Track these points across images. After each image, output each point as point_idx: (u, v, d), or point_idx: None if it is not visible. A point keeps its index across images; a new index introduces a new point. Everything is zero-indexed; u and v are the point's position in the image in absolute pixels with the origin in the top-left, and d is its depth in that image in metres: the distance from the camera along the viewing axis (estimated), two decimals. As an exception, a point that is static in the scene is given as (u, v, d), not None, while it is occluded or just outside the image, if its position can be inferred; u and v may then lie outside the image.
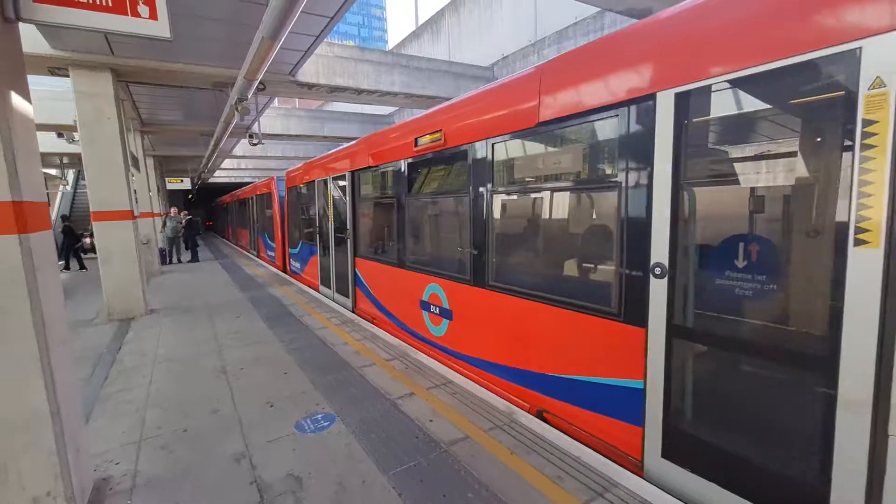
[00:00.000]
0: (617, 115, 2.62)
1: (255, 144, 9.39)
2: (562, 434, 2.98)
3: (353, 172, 6.48)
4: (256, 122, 10.46)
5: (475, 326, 4.02)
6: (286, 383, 3.98)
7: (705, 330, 2.36)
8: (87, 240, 15.42)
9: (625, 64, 2.60)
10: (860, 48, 1.69)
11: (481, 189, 3.78)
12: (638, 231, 2.51)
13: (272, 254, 12.75)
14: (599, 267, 3.17)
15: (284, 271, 11.32)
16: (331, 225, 7.49)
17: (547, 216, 3.63)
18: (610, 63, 2.71)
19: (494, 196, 3.73)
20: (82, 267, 13.12)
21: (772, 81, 2.00)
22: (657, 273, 2.39)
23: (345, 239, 6.85)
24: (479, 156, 3.79)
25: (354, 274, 6.66)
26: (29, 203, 2.06)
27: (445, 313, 4.40)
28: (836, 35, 1.75)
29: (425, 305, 4.75)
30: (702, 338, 2.38)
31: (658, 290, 2.40)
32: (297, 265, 10.11)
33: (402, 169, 5.07)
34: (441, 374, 4.08)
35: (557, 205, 3.52)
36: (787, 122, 2.17)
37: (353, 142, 6.71)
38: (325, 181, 7.64)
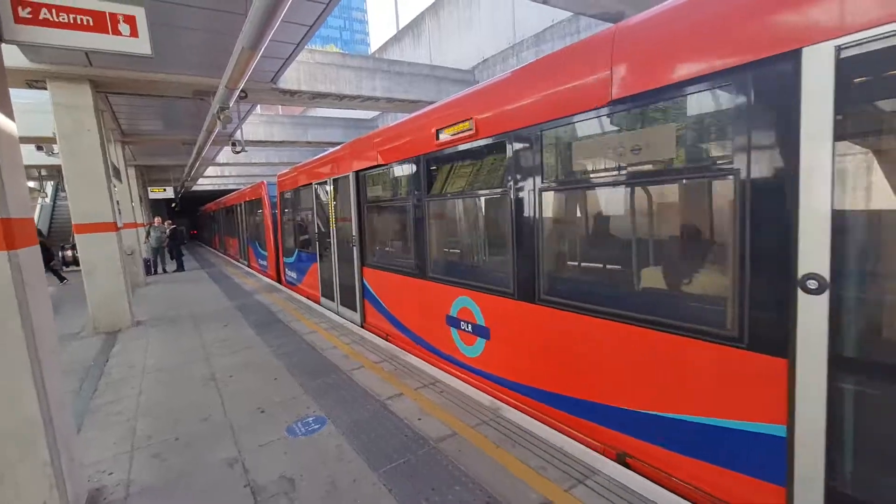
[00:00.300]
0: (731, 84, 2.07)
1: (238, 152, 9.31)
2: (546, 427, 3.07)
3: (357, 173, 5.86)
4: (239, 130, 10.43)
5: (521, 348, 3.44)
6: (276, 389, 4.02)
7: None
8: (69, 252, 15.19)
9: (745, 14, 2.01)
10: None
11: (529, 185, 3.19)
12: (774, 231, 1.95)
13: (264, 263, 12.42)
14: (700, 277, 2.60)
15: (279, 281, 10.93)
16: (332, 231, 6.87)
17: (624, 214, 3.02)
18: (720, 16, 2.10)
19: (546, 193, 3.15)
20: (62, 280, 12.90)
21: None
22: (811, 288, 1.82)
23: (350, 246, 6.23)
24: (524, 146, 3.19)
25: (362, 285, 6.03)
26: (16, 220, 2.11)
27: (480, 331, 3.83)
28: None
29: (454, 322, 4.17)
30: (890, 376, 1.81)
31: (813, 311, 1.83)
32: (294, 275, 9.46)
33: (420, 166, 4.46)
34: (429, 374, 4.17)
35: (638, 200, 2.92)
36: None
37: (354, 139, 6.26)
38: (324, 184, 7.03)
